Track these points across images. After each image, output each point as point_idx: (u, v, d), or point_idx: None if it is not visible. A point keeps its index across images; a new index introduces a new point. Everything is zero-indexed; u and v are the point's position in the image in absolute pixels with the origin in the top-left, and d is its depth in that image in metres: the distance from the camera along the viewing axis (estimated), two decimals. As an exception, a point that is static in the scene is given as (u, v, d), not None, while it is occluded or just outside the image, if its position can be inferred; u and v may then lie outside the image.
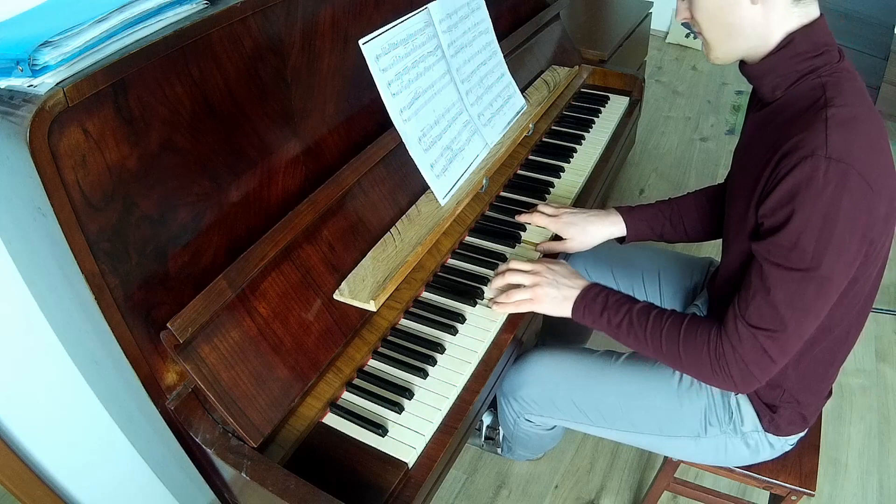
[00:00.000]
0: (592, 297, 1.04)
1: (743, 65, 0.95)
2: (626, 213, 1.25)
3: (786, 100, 0.91)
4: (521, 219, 1.28)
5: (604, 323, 1.02)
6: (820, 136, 0.80)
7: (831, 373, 1.05)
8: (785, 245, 0.82)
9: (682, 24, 1.01)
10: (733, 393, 1.07)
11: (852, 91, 0.85)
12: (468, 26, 1.31)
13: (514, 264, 1.11)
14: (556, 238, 1.26)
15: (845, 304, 0.91)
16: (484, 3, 1.35)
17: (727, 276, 1.02)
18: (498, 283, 1.11)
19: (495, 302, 1.10)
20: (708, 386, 1.08)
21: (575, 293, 1.05)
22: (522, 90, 1.53)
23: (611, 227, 1.24)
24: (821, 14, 0.89)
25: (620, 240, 1.28)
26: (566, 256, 1.31)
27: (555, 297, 1.06)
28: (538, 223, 1.26)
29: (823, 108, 0.82)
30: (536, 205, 1.31)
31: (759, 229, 0.88)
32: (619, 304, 1.02)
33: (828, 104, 0.83)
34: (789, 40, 0.88)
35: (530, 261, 1.12)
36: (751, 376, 0.90)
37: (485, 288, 1.15)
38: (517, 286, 1.09)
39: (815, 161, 0.78)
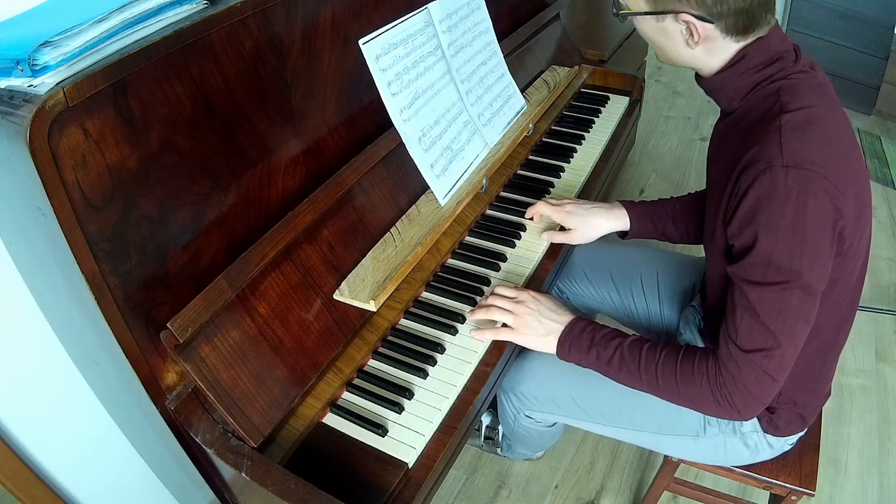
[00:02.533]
0: (578, 333, 1.00)
1: (698, 77, 0.95)
2: (631, 207, 1.25)
3: (743, 109, 0.90)
4: (528, 214, 1.28)
5: (592, 359, 0.99)
6: (774, 145, 0.79)
7: (826, 373, 1.05)
8: (759, 263, 0.81)
9: None
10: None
11: (809, 90, 0.84)
12: (468, 26, 1.30)
13: (498, 290, 1.08)
14: (560, 229, 1.26)
15: (829, 305, 0.90)
16: (484, 3, 1.35)
17: (711, 281, 1.01)
18: (480, 314, 1.06)
19: (475, 329, 1.06)
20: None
21: (559, 328, 1.02)
22: (522, 90, 1.53)
23: (614, 220, 1.24)
24: (773, 25, 0.87)
25: (623, 235, 1.27)
26: (569, 248, 1.32)
27: (538, 329, 1.02)
28: (542, 212, 1.26)
29: (777, 116, 0.81)
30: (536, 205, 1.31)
31: (730, 251, 0.87)
32: (608, 339, 0.98)
33: (782, 110, 0.82)
34: (742, 55, 0.87)
35: (515, 288, 1.08)
36: (754, 400, 0.87)
37: (486, 287, 1.15)
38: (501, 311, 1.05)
39: (774, 172, 0.77)
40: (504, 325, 1.06)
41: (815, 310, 0.84)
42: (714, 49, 0.87)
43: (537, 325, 1.02)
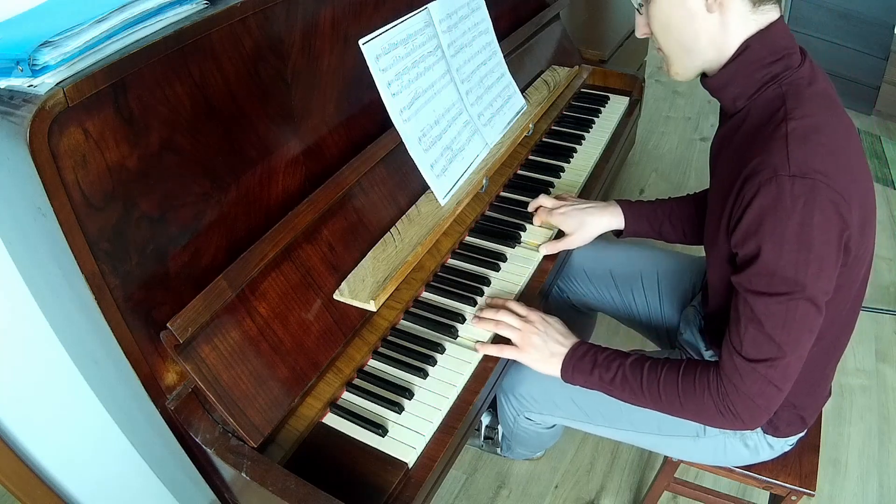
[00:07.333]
0: (581, 356, 1.01)
1: (704, 78, 0.94)
2: (626, 206, 1.25)
3: (747, 111, 0.89)
4: (531, 207, 1.29)
5: (595, 380, 0.99)
6: (780, 154, 0.78)
7: (826, 375, 1.04)
8: (763, 273, 0.80)
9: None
10: None
11: (813, 96, 0.83)
12: (468, 26, 1.30)
13: (510, 304, 1.08)
14: (559, 234, 1.26)
15: (831, 311, 0.89)
16: (484, 3, 1.35)
17: (713, 285, 1.01)
18: (489, 326, 1.06)
19: (479, 342, 1.05)
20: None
21: (563, 351, 1.02)
22: (522, 90, 1.53)
23: (609, 217, 1.24)
24: (780, 16, 0.87)
25: (618, 234, 1.27)
26: (569, 253, 1.31)
27: (542, 351, 1.02)
28: (541, 218, 1.27)
29: (783, 122, 0.80)
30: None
31: (734, 259, 0.86)
32: (610, 360, 0.99)
33: (787, 117, 0.81)
34: (745, 47, 0.86)
35: (526, 307, 1.08)
36: (758, 409, 0.87)
37: (486, 287, 1.15)
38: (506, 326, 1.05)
39: (780, 181, 0.76)
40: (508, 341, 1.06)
41: (820, 320, 0.83)
42: (730, 23, 0.85)
43: (542, 346, 1.03)
